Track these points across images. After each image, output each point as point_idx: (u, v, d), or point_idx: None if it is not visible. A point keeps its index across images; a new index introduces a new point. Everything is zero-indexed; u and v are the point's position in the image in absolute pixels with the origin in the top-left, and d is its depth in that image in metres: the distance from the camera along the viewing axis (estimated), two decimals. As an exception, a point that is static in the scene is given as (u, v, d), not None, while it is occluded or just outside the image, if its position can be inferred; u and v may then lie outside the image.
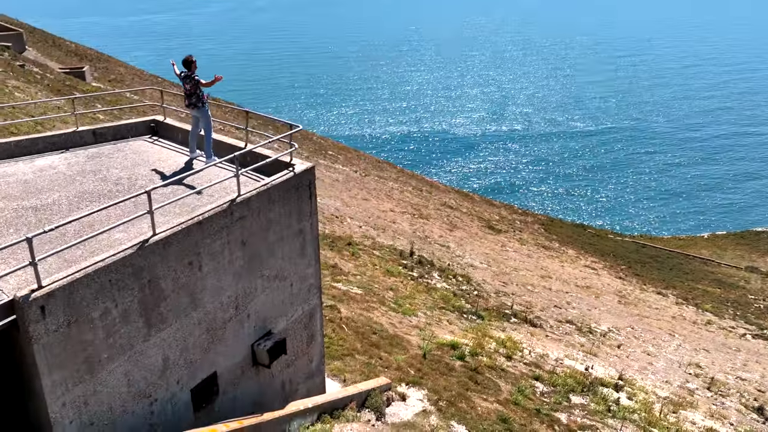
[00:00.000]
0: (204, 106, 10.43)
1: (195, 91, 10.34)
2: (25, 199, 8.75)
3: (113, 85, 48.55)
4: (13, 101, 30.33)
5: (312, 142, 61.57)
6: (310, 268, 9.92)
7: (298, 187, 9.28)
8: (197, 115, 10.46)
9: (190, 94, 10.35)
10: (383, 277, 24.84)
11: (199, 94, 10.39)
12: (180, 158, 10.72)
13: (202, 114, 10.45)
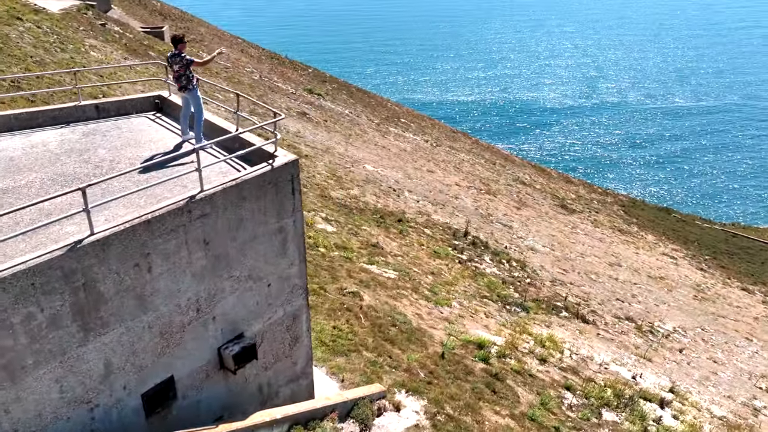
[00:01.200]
0: (194, 89, 9.81)
1: (185, 72, 9.73)
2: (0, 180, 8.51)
3: (191, 46, 49.33)
4: (87, 60, 31.23)
5: (385, 109, 60.57)
6: (292, 267, 9.23)
7: (277, 183, 8.52)
8: (187, 98, 9.86)
9: (179, 76, 9.75)
10: (427, 259, 23.93)
11: (189, 76, 9.77)
12: (173, 140, 10.20)
13: (192, 96, 9.84)
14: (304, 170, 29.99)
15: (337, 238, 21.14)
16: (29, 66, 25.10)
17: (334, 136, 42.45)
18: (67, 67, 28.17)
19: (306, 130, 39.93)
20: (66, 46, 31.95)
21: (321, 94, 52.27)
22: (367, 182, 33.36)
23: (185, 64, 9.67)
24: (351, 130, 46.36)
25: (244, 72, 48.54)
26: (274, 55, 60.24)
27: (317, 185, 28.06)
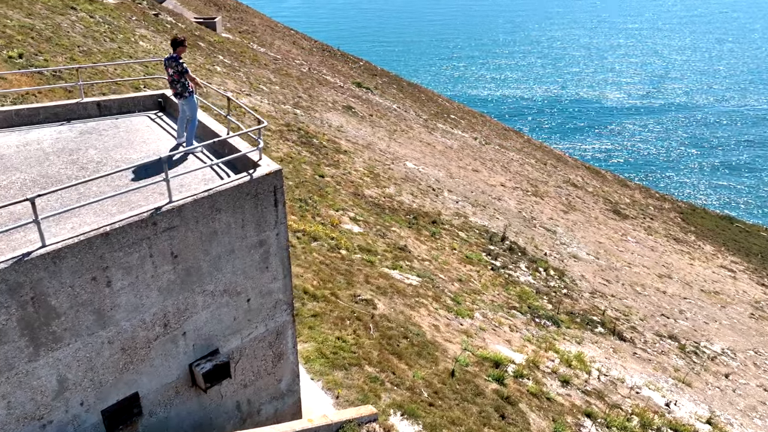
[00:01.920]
0: (190, 96, 9.46)
1: (179, 79, 9.38)
2: (-18, 180, 8.38)
3: (242, 37, 49.78)
4: (134, 50, 31.75)
5: (435, 104, 59.62)
6: (275, 282, 8.77)
7: (257, 194, 8.06)
8: (183, 105, 9.52)
9: (173, 81, 9.40)
10: (457, 265, 23.16)
11: (184, 82, 9.42)
12: (167, 142, 9.89)
13: (188, 104, 9.51)
14: (340, 166, 29.63)
15: (362, 239, 20.65)
16: (74, 55, 25.63)
17: (378, 131, 41.95)
18: (113, 57, 28.68)
19: (349, 125, 39.58)
20: (116, 36, 32.58)
21: (369, 87, 51.82)
22: (405, 180, 32.73)
23: (180, 71, 9.32)
24: (396, 125, 45.75)
25: (293, 64, 48.61)
26: (325, 47, 60.19)
27: (351, 183, 27.63)
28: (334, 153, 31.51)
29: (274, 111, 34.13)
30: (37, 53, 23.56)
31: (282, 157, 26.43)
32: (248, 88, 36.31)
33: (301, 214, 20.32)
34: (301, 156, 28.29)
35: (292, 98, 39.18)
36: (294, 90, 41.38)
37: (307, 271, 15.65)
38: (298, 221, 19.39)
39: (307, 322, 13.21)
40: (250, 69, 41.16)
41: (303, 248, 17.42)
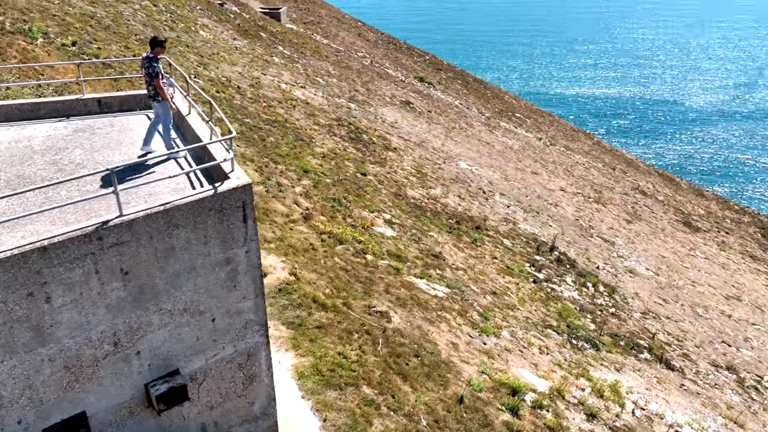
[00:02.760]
0: (163, 101, 9.01)
1: (151, 81, 8.96)
2: (-41, 179, 8.25)
3: (306, 28, 49.81)
4: (193, 40, 32.15)
5: (501, 102, 57.84)
6: (245, 302, 8.22)
7: (222, 209, 7.51)
8: (157, 109, 9.09)
9: (147, 82, 8.98)
10: (495, 276, 22.06)
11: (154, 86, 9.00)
12: (156, 144, 9.52)
13: (161, 109, 9.08)
14: (386, 164, 28.97)
15: (392, 244, 19.94)
16: (129, 44, 26.10)
17: (435, 128, 40.96)
18: (171, 46, 29.07)
19: (404, 121, 38.81)
20: (176, 25, 33.11)
21: (432, 82, 50.77)
22: (455, 181, 31.70)
23: (150, 73, 8.88)
24: (455, 123, 44.57)
25: (355, 57, 48.22)
26: (391, 40, 59.48)
27: (395, 182, 26.92)
28: (383, 150, 30.87)
29: (327, 104, 33.82)
30: (92, 41, 24.09)
31: (325, 153, 26.04)
32: (304, 80, 36.18)
33: (331, 214, 19.82)
34: (347, 152, 27.81)
35: (349, 92, 38.78)
36: (352, 83, 40.97)
37: (322, 278, 15.12)
38: (325, 222, 18.90)
39: (310, 334, 12.67)
40: (309, 61, 41.06)
41: (324, 252, 16.90)
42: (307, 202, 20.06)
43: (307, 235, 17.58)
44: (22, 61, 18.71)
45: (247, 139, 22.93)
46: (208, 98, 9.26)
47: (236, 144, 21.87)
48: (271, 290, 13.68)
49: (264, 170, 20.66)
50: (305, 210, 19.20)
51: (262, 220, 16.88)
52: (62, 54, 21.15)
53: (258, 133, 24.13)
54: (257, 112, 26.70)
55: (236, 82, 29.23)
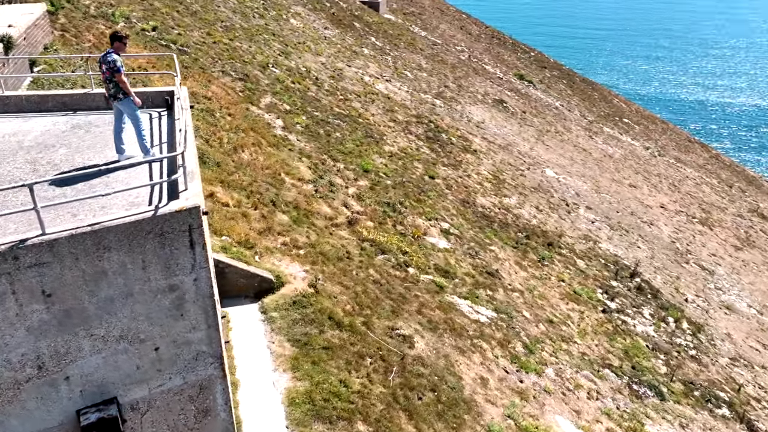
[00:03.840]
0: (126, 97, 8.39)
1: (112, 78, 8.34)
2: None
3: (405, 19, 48.80)
4: (281, 28, 32.18)
5: (608, 105, 53.99)
6: (195, 333, 7.51)
7: (163, 233, 6.80)
8: (119, 108, 8.49)
9: (107, 80, 8.38)
10: (557, 301, 20.19)
11: (117, 83, 8.39)
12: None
13: (125, 107, 8.47)
14: (461, 168, 27.53)
15: (442, 257, 18.69)
16: (211, 31, 26.39)
17: (526, 130, 38.74)
18: (254, 34, 29.20)
19: (493, 121, 36.96)
20: (267, 12, 33.29)
21: (533, 81, 48.20)
22: (536, 190, 29.66)
23: (112, 68, 8.25)
24: (551, 125, 41.98)
25: (453, 50, 46.65)
26: (496, 34, 57.14)
27: (465, 188, 25.48)
28: (460, 152, 29.42)
29: (410, 100, 32.77)
30: (174, 27, 24.53)
31: (393, 153, 25.08)
32: (390, 74, 35.31)
33: (381, 220, 18.87)
34: (419, 152, 26.68)
35: (437, 87, 37.47)
36: (443, 78, 39.59)
37: (346, 292, 14.24)
38: (371, 229, 17.98)
39: (314, 355, 11.85)
40: (402, 53, 40.10)
41: (360, 262, 16.00)
42: (358, 205, 19.23)
43: (347, 241, 16.76)
44: (95, 44, 19.23)
45: (310, 133, 22.43)
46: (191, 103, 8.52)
47: (297, 138, 21.44)
48: (286, 302, 13.00)
49: (318, 168, 20.05)
50: (352, 214, 18.39)
51: (300, 223, 16.25)
52: (139, 39, 21.60)
53: (324, 128, 23.58)
54: (330, 105, 26.18)
55: (316, 73, 28.88)
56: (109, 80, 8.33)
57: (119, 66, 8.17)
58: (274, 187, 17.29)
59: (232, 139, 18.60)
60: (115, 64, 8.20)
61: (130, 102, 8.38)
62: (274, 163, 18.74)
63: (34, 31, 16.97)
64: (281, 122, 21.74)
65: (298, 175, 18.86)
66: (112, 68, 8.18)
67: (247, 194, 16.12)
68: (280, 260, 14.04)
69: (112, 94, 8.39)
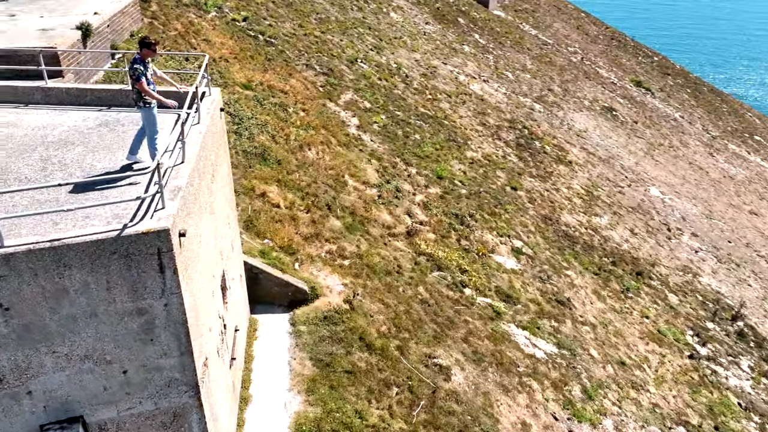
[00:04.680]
0: (145, 108, 8.03)
1: (135, 85, 8.00)
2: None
3: (516, 16, 46.62)
4: (378, 22, 31.62)
5: (738, 120, 48.84)
6: (167, 359, 7.03)
7: (129, 255, 6.33)
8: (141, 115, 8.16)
9: (132, 86, 8.05)
10: (635, 340, 18.19)
11: (140, 90, 8.01)
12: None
13: (143, 116, 8.10)
14: (550, 180, 25.69)
15: (507, 279, 17.32)
16: (304, 23, 26.28)
17: (635, 143, 35.73)
18: (348, 27, 28.84)
19: (597, 131, 34.38)
20: (367, 5, 32.82)
21: (651, 89, 44.51)
22: (633, 211, 27.16)
23: (131, 76, 7.92)
24: (665, 139, 38.48)
25: (564, 51, 44.00)
26: (616, 36, 53.31)
27: (551, 203, 23.70)
28: (553, 162, 27.50)
29: (506, 102, 31.11)
30: (266, 18, 24.61)
31: (476, 159, 23.78)
32: (489, 74, 33.74)
33: (444, 233, 17.80)
34: (505, 160, 25.17)
35: (540, 90, 35.40)
36: (547, 81, 37.37)
37: (386, 310, 13.40)
38: (432, 242, 16.98)
39: (334, 379, 11.16)
40: (506, 52, 38.28)
41: (410, 278, 15.08)
42: (423, 215, 18.27)
43: (401, 254, 15.89)
44: (180, 33, 19.56)
45: (386, 133, 21.69)
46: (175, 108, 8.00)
47: (370, 138, 20.78)
48: (317, 316, 12.38)
49: (387, 171, 19.27)
50: (414, 224, 17.47)
51: (353, 230, 15.58)
52: (226, 29, 21.80)
53: (403, 129, 22.74)
54: (415, 105, 25.28)
55: (407, 70, 28.06)
56: (133, 86, 8.04)
57: (138, 74, 7.86)
58: (333, 190, 16.74)
59: (301, 136, 18.25)
60: (135, 72, 7.92)
61: (148, 111, 8.05)
62: (340, 164, 18.18)
63: (121, 18, 17.44)
64: (357, 121, 21.15)
65: (363, 178, 18.19)
66: (131, 75, 7.90)
67: (303, 196, 15.67)
68: (319, 270, 13.45)
69: (134, 99, 8.10)
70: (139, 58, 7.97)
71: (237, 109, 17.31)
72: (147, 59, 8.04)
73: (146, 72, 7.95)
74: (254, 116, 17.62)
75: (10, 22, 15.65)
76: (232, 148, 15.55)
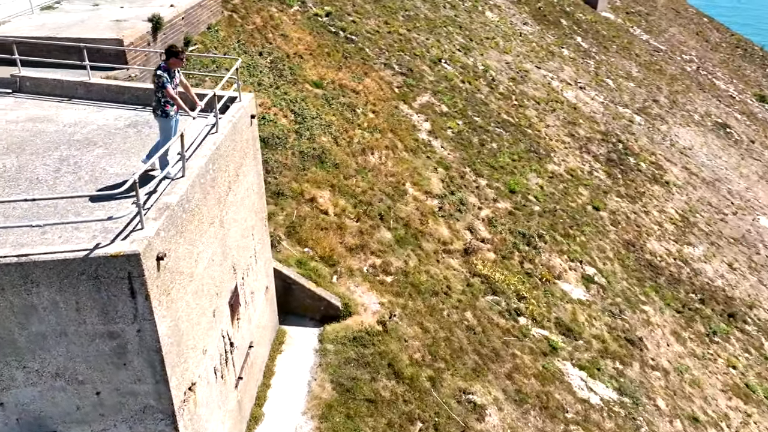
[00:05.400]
0: (163, 117, 7.70)
1: (155, 93, 7.65)
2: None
3: (627, 18, 43.45)
4: (470, 21, 30.43)
5: None
6: (141, 385, 6.64)
7: (98, 277, 5.96)
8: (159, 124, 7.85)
9: (153, 93, 7.72)
10: (715, 392, 16.19)
11: (160, 99, 7.65)
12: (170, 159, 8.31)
13: (160, 125, 7.78)
14: (640, 201, 23.58)
15: (570, 311, 15.90)
16: (390, 20, 25.61)
17: (749, 164, 32.30)
18: (436, 26, 27.89)
19: (704, 149, 31.36)
20: (462, 3, 31.66)
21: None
22: (735, 242, 24.44)
23: (156, 83, 7.57)
24: (786, 162, 34.48)
25: (677, 59, 40.56)
26: (742, 44, 48.53)
27: (637, 227, 21.70)
28: (647, 182, 25.25)
29: (601, 113, 28.96)
30: (350, 14, 24.18)
31: (557, 173, 22.20)
32: (587, 80, 31.58)
33: (506, 253, 16.60)
34: (590, 176, 23.36)
35: (643, 101, 32.75)
36: (653, 91, 34.53)
37: (423, 336, 12.53)
38: (490, 263, 15.86)
39: (353, 407, 10.48)
40: (609, 58, 35.74)
41: (459, 301, 14.10)
42: (485, 231, 17.16)
43: (453, 273, 14.92)
44: (258, 27, 19.48)
45: (460, 140, 20.64)
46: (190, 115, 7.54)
47: (441, 144, 19.83)
48: (346, 335, 11.75)
49: (453, 182, 18.28)
50: (473, 241, 16.41)
51: (404, 244, 14.79)
52: (307, 24, 21.54)
53: (480, 136, 21.57)
54: (498, 111, 23.99)
55: (494, 73, 26.73)
56: (154, 94, 7.73)
57: (164, 82, 7.55)
58: (390, 198, 16.02)
59: (365, 138, 17.65)
60: (159, 79, 7.61)
61: (165, 121, 7.73)
62: (403, 171, 17.42)
63: (198, 11, 17.55)
64: (429, 125, 20.26)
65: (426, 188, 17.33)
66: (155, 83, 7.59)
67: (355, 203, 15.06)
68: (358, 285, 12.79)
69: (153, 108, 7.79)
70: (165, 66, 7.65)
71: (302, 107, 16.96)
72: (173, 68, 7.70)
73: (171, 80, 7.63)
74: (319, 116, 17.21)
75: (91, 12, 16.10)
76: (289, 148, 15.20)
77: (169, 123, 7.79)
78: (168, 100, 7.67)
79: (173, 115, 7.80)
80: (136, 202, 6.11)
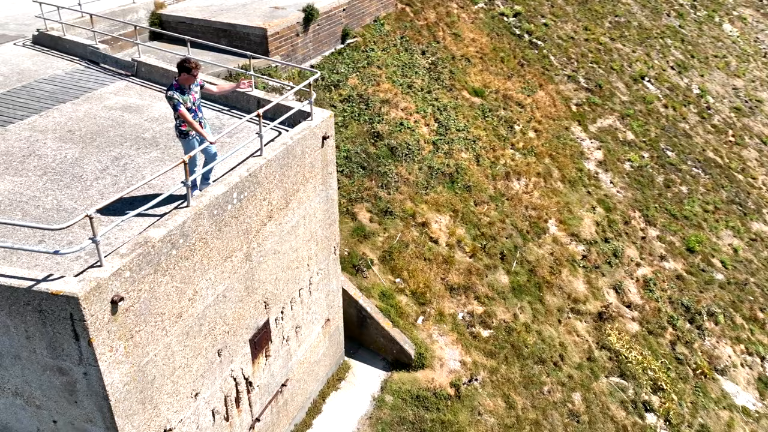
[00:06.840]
0: (183, 138, 6.89)
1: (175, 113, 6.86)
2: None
3: None
4: (698, 34, 25.87)
5: None
6: (93, 426, 6.09)
7: (42, 311, 5.43)
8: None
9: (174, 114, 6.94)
10: None
11: (176, 118, 6.83)
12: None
13: (183, 146, 7.01)
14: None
15: (726, 421, 12.50)
16: (591, 26, 22.57)
17: None
18: (655, 37, 24.10)
19: None
20: (694, 11, 27.05)
21: None
22: None
23: (171, 105, 6.76)
24: None
25: None
26: None
27: None
28: None
29: None
30: (543, 15, 21.76)
31: (761, 235, 17.84)
32: None
33: (655, 327, 13.54)
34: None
35: None
36: None
37: (503, 412, 10.53)
38: (629, 337, 13.04)
39: (388, 480, 9.09)
40: None
41: (569, 377, 11.71)
42: (636, 295, 14.21)
43: (574, 340, 12.50)
44: (428, 24, 18.20)
45: (639, 176, 17.47)
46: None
47: (611, 179, 16.91)
48: (410, 391, 10.29)
49: (611, 227, 15.45)
50: (615, 304, 13.66)
51: (520, 294, 12.72)
52: (487, 24, 19.73)
53: (667, 175, 18.07)
54: (703, 147, 19.96)
55: (712, 99, 22.35)
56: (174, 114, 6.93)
57: (175, 103, 6.70)
58: (522, 236, 13.94)
59: (514, 161, 15.63)
60: (170, 100, 6.77)
61: (185, 141, 6.98)
62: (550, 205, 15.12)
63: (365, 2, 16.85)
64: (602, 154, 17.43)
65: (574, 229, 14.85)
66: (172, 105, 6.77)
67: (476, 235, 13.32)
68: (442, 334, 11.20)
69: (175, 126, 7.01)
70: (175, 85, 6.81)
71: (448, 117, 15.49)
72: (186, 84, 6.86)
73: (185, 99, 6.80)
74: (466, 128, 15.59)
75: (256, -4, 16.24)
76: (417, 162, 13.89)
77: (189, 143, 7.02)
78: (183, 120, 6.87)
79: (194, 135, 7.00)
80: (92, 237, 5.39)
